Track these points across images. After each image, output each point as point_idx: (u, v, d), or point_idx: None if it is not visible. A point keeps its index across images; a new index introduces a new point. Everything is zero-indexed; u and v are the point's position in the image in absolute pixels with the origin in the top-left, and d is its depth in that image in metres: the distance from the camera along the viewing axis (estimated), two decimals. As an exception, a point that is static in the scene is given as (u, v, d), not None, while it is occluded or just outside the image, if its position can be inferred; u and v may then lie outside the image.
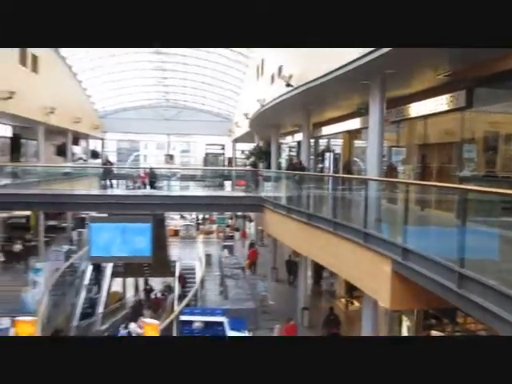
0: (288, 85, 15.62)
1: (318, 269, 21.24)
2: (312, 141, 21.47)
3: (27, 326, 11.98)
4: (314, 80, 12.94)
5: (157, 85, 41.94)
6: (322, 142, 24.72)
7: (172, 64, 37.52)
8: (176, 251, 27.85)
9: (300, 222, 13.32)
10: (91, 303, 20.27)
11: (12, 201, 18.63)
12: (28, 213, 28.66)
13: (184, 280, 22.44)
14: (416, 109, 13.89)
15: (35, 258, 24.94)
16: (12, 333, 12.72)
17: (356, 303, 18.25)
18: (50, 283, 19.21)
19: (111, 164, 23.61)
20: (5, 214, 25.40)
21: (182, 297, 19.91)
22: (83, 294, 20.39)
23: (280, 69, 18.03)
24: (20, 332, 11.78)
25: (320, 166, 21.95)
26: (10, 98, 22.15)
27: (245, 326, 16.52)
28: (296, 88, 15.03)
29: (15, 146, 29.80)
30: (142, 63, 37.31)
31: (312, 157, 20.86)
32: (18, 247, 26.42)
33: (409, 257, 7.65)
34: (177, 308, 18.61)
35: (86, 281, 21.30)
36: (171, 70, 38.81)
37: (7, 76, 22.72)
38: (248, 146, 36.39)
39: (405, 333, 14.08)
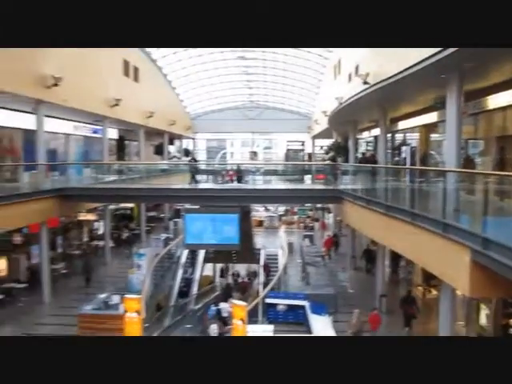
0: (365, 82, 15.29)
1: (396, 257, 20.64)
2: (389, 135, 20.84)
3: (133, 303, 12.72)
4: (391, 77, 12.57)
5: (242, 88, 42.63)
6: (399, 136, 23.91)
7: (256, 68, 37.96)
8: (260, 240, 28.21)
9: (378, 213, 13.03)
10: (187, 283, 21.11)
11: (119, 194, 19.80)
12: (132, 205, 30.44)
13: (268, 269, 22.74)
14: (494, 101, 13.06)
15: (138, 244, 26.45)
16: (121, 308, 13.58)
17: (433, 291, 17.55)
18: (152, 266, 20.23)
19: (196, 161, 24.29)
20: (113, 206, 27.08)
21: (265, 284, 20.17)
22: (180, 275, 21.27)
23: (357, 67, 17.68)
24: (128, 308, 12.56)
25: (396, 159, 21.27)
26: (117, 105, 23.55)
27: (325, 310, 16.47)
28: (373, 85, 14.67)
29: (120, 146, 31.64)
30: (229, 69, 38.07)
31: (389, 151, 20.25)
32: (125, 235, 28.15)
33: (489, 246, 7.27)
34: (262, 292, 18.91)
35: (183, 264, 22.21)
36: (255, 74, 39.27)
37: (114, 86, 24.16)
38: (326, 142, 36.04)
39: (483, 321, 13.39)
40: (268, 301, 17.50)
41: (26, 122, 19.19)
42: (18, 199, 15.52)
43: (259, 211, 40.35)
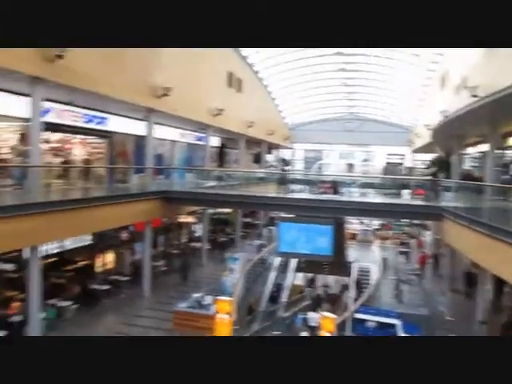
0: (474, 95, 14.36)
1: (499, 282, 18.98)
2: (498, 151, 19.33)
3: (225, 305, 13.03)
4: (505, 89, 11.66)
5: (342, 99, 42.22)
6: (510, 153, 22.08)
7: (357, 80, 37.40)
8: (353, 253, 27.55)
9: (481, 234, 12.11)
10: (277, 290, 21.23)
11: (217, 199, 20.45)
12: (229, 210, 31.32)
13: (360, 284, 22.16)
14: None
15: (233, 248, 27.11)
16: (213, 308, 13.99)
17: (543, 323, 15.88)
18: (244, 271, 20.61)
19: (284, 171, 24.41)
20: (211, 210, 28.06)
21: (356, 298, 19.66)
22: (271, 282, 21.45)
23: (465, 79, 16.66)
24: (220, 309, 12.90)
25: (506, 177, 19.63)
26: (220, 114, 24.47)
27: (418, 331, 15.63)
28: (483, 98, 13.72)
29: (221, 154, 32.79)
30: (329, 80, 37.88)
31: (498, 168, 18.79)
32: (221, 239, 29.04)
33: None
34: (352, 306, 18.43)
35: (275, 271, 22.40)
36: (356, 86, 38.70)
37: (217, 96, 25.15)
38: (427, 157, 34.42)
39: None
40: (358, 316, 17.01)
41: (138, 128, 20.64)
42: (127, 199, 16.71)
43: (353, 224, 39.44)
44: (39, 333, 12.98)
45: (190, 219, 28.03)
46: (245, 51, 29.59)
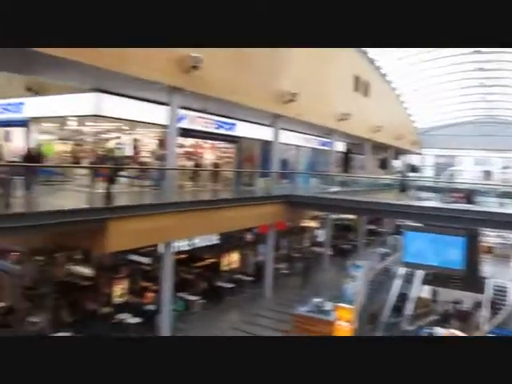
0: None
1: None
2: None
3: (346, 312, 12.79)
4: None
5: (477, 101, 38.97)
6: None
7: (496, 79, 34.24)
8: (487, 268, 25.15)
9: None
10: (401, 301, 20.25)
11: (340, 205, 20.09)
12: (352, 216, 30.63)
13: (495, 303, 20.13)
14: None
15: (355, 255, 26.46)
16: (333, 315, 13.75)
17: None
18: (367, 279, 19.95)
19: (404, 177, 23.21)
20: (334, 216, 27.71)
21: (490, 318, 17.88)
22: (395, 292, 20.51)
23: None
24: (340, 316, 12.66)
25: None
26: (345, 119, 24.14)
27: None
28: None
29: (346, 159, 32.31)
30: (463, 81, 35.24)
31: None
32: (344, 245, 28.58)
33: None
34: (486, 326, 16.81)
35: (399, 280, 21.41)
36: (494, 86, 35.45)
37: (343, 100, 24.83)
38: None
39: None
40: (492, 337, 15.46)
41: (264, 133, 21.18)
42: (253, 202, 17.21)
43: (489, 236, 35.98)
44: (169, 323, 13.95)
45: (313, 224, 27.98)
46: (372, 54, 28.77)
